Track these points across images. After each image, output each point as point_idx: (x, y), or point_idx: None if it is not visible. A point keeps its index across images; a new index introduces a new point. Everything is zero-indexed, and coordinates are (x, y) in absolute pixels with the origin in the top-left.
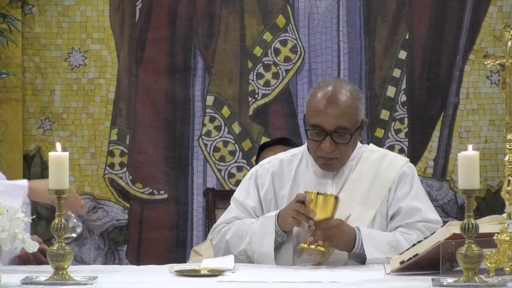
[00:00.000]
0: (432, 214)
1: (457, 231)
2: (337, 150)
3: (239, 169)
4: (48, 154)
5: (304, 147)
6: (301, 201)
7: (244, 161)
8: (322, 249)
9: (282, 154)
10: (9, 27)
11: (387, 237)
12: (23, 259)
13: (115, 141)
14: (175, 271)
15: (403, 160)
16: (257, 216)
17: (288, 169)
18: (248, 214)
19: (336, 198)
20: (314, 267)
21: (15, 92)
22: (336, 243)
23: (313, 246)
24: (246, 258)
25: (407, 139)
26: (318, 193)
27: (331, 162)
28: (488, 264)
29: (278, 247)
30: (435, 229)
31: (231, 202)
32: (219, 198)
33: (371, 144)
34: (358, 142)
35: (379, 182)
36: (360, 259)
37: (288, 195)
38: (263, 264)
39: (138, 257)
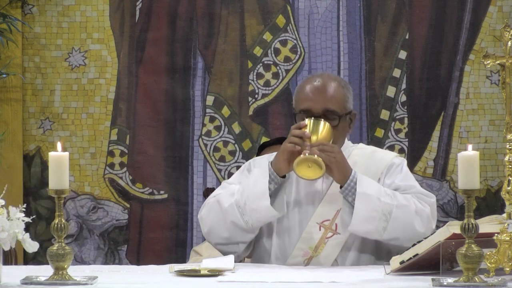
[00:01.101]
0: (424, 190)
1: (457, 231)
2: None
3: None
4: (48, 154)
5: None
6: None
7: (244, 161)
8: (319, 159)
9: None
10: (9, 27)
11: (383, 187)
12: None
13: (115, 141)
14: (175, 271)
15: (392, 154)
16: None
17: None
18: None
19: (330, 126)
20: (314, 267)
21: (15, 92)
22: (333, 159)
23: (310, 156)
24: (237, 209)
25: (407, 139)
26: (312, 118)
27: None
28: (488, 264)
29: (271, 197)
30: (429, 201)
31: (221, 184)
32: None
33: (360, 143)
34: (350, 142)
35: (369, 175)
36: (352, 199)
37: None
38: (255, 209)
39: (138, 257)
